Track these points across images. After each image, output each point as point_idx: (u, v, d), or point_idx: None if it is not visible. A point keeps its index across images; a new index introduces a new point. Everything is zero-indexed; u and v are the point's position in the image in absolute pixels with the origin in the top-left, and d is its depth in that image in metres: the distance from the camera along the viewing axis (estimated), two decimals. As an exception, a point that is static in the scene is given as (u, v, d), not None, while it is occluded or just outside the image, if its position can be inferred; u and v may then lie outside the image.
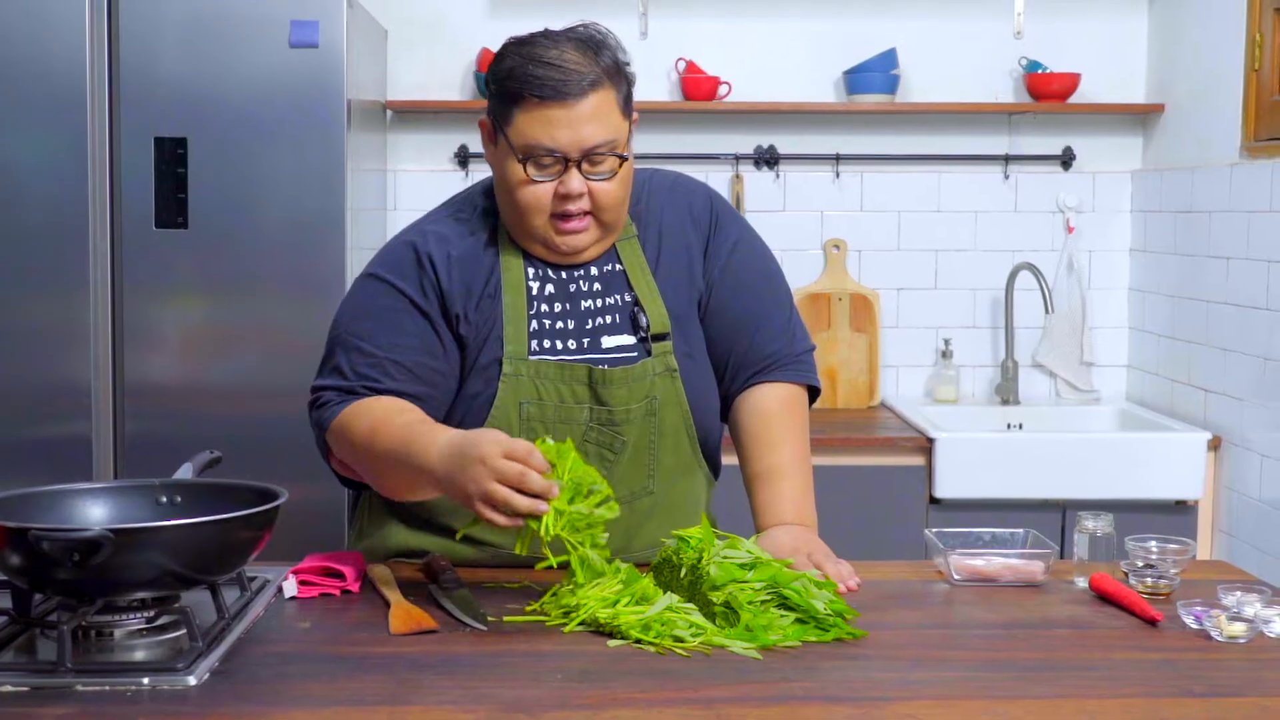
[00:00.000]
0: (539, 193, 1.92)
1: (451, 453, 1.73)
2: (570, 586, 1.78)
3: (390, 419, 1.86)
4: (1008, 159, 4.15)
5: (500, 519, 1.68)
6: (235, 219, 3.39)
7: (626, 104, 1.95)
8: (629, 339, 2.01)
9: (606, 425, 1.98)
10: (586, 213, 1.94)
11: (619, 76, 1.93)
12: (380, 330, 1.95)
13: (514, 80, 1.89)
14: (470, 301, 1.97)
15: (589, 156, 1.90)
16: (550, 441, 1.76)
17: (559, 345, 1.98)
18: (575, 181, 1.90)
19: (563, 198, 1.91)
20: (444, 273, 1.97)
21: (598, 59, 1.90)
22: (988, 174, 4.18)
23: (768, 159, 4.13)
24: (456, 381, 1.99)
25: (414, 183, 4.09)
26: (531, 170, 1.90)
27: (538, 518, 1.68)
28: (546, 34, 1.93)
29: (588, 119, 1.88)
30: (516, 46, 1.92)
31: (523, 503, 1.67)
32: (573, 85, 1.87)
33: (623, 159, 1.93)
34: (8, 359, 3.38)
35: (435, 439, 1.78)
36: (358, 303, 2.00)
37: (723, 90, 4.05)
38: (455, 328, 1.97)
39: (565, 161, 1.90)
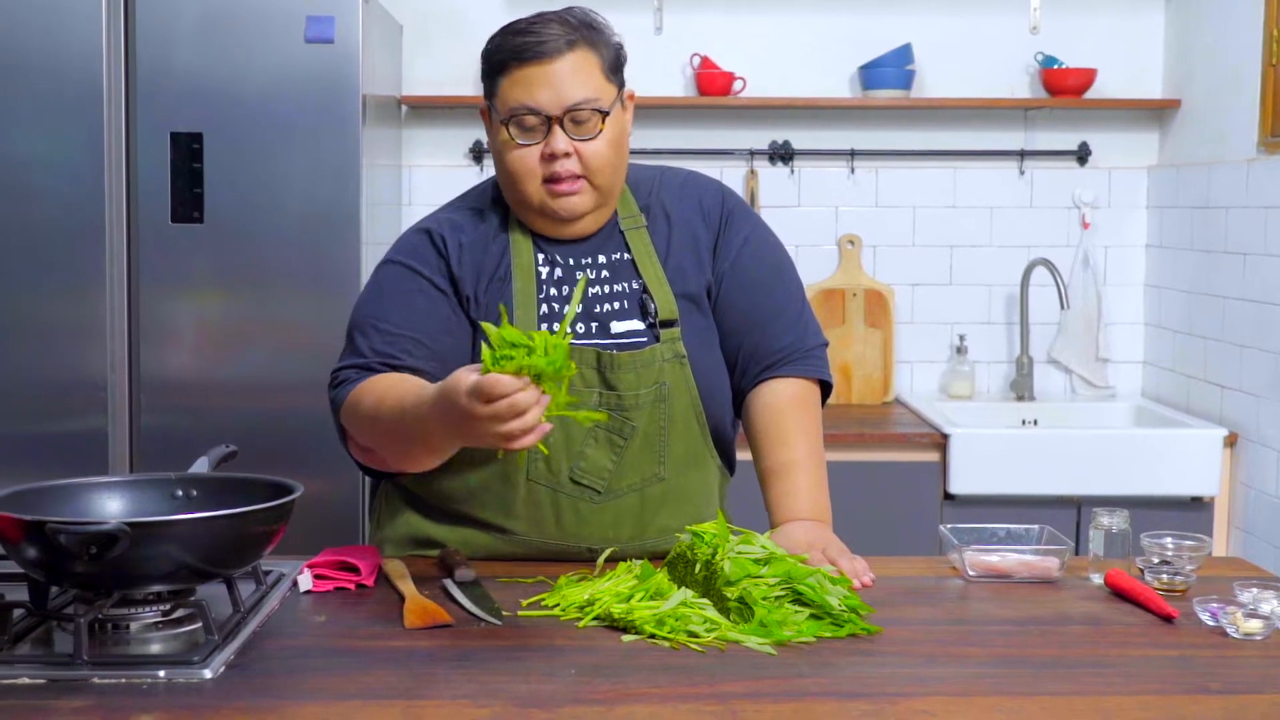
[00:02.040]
0: (525, 156, 1.95)
1: (443, 408, 1.69)
2: (577, 576, 1.81)
3: (393, 388, 1.86)
4: (1023, 154, 4.14)
5: (528, 440, 1.62)
6: (251, 214, 3.40)
7: (613, 70, 1.99)
8: (638, 324, 2.02)
9: (616, 410, 1.99)
10: (578, 176, 1.96)
11: (599, 41, 1.98)
12: (396, 309, 1.99)
13: (497, 52, 1.97)
14: (480, 284, 2.00)
15: (571, 115, 1.93)
16: (494, 341, 1.65)
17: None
18: (560, 141, 1.93)
19: (549, 158, 1.94)
20: (455, 256, 2.01)
21: (577, 26, 1.95)
22: (1003, 169, 4.17)
23: (782, 154, 4.12)
24: (469, 360, 1.99)
25: (429, 178, 4.10)
26: (514, 132, 1.94)
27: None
28: (531, 15, 1.99)
29: (566, 76, 1.93)
30: (501, 29, 2.00)
31: (531, 430, 1.62)
32: (549, 45, 1.92)
33: (605, 115, 1.95)
34: (25, 353, 3.39)
35: (429, 399, 1.73)
36: (374, 288, 2.05)
37: (737, 86, 4.05)
38: (467, 309, 2.00)
39: (549, 121, 1.93)
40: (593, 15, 2.00)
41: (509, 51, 1.95)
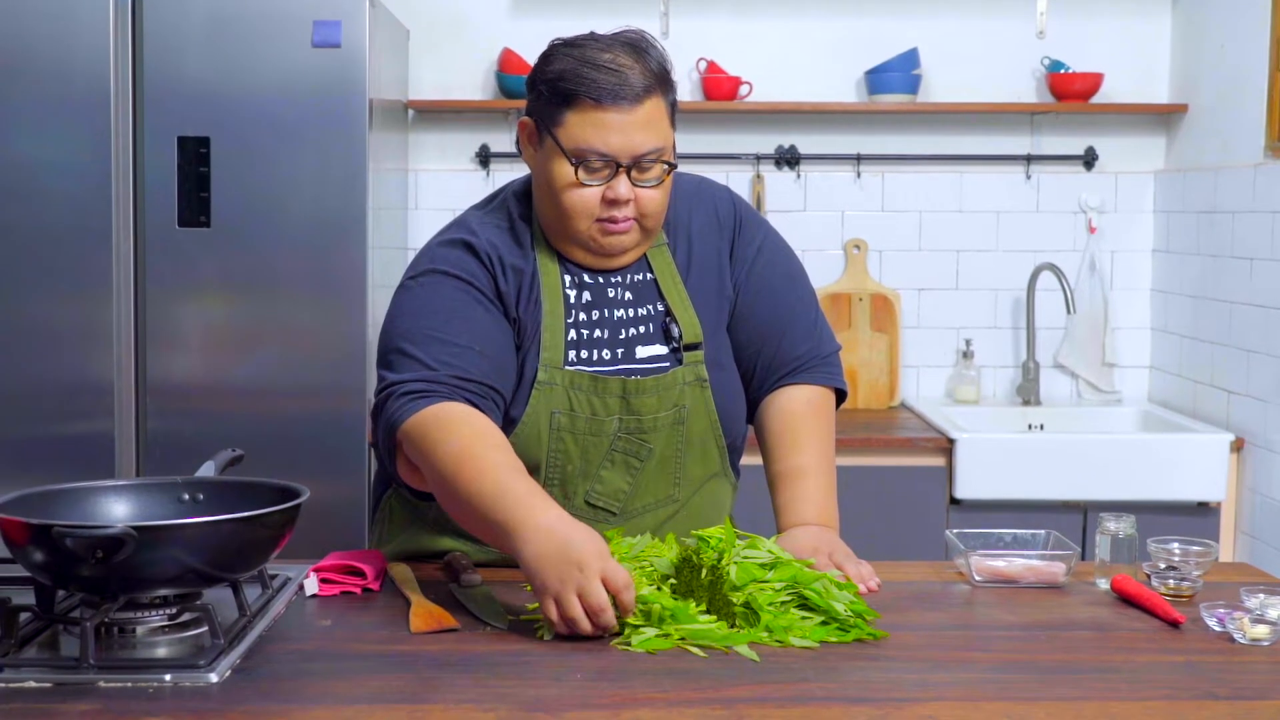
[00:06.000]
0: (586, 196, 1.89)
1: (551, 540, 1.66)
2: None
3: (485, 453, 1.77)
4: (1030, 159, 4.14)
5: (560, 626, 1.65)
6: (257, 218, 3.41)
7: (673, 112, 1.93)
8: (662, 349, 2.00)
9: (634, 433, 1.97)
10: (630, 218, 1.92)
11: (668, 84, 1.92)
12: (454, 321, 1.89)
13: (567, 81, 1.86)
14: (519, 306, 1.95)
15: (638, 163, 1.88)
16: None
17: (595, 356, 1.97)
18: (623, 187, 1.88)
19: (610, 203, 1.89)
20: (499, 272, 1.94)
21: (649, 64, 1.88)
22: (1009, 174, 4.17)
23: (789, 159, 4.12)
24: (518, 383, 1.95)
25: (435, 182, 4.10)
26: (582, 174, 1.88)
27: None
28: (595, 36, 1.91)
29: (641, 125, 1.86)
30: (566, 48, 1.90)
31: (587, 629, 1.64)
32: (628, 90, 1.84)
33: (671, 167, 1.92)
34: (31, 357, 3.40)
35: (537, 512, 1.70)
36: (423, 299, 1.93)
37: (744, 90, 4.05)
38: (515, 331, 1.95)
39: (615, 166, 1.88)
40: (651, 42, 1.91)
41: (586, 86, 1.84)
